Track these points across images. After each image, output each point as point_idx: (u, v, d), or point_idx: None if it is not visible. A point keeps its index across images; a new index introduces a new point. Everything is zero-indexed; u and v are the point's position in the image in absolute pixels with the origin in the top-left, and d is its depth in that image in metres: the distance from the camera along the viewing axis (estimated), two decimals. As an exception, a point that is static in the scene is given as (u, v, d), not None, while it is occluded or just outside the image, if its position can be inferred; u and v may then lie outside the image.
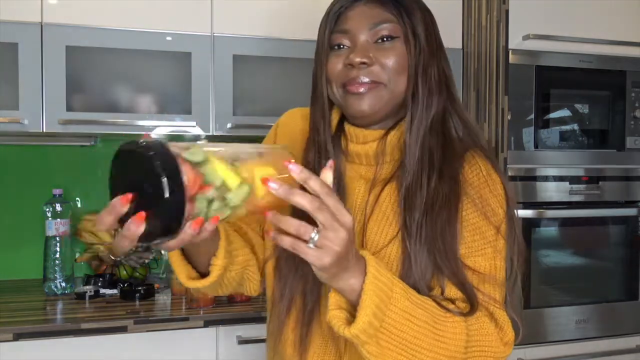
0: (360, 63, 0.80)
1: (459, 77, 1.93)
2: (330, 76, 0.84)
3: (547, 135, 1.79)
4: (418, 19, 0.84)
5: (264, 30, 1.71)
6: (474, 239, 0.80)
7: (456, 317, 0.75)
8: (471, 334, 0.75)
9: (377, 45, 0.82)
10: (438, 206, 0.79)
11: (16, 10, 1.56)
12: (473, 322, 0.76)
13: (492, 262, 0.81)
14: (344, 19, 0.84)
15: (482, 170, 0.84)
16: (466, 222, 0.80)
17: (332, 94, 0.85)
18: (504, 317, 0.79)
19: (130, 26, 1.64)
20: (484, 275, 0.79)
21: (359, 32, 0.82)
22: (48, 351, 1.40)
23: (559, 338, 1.79)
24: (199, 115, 1.69)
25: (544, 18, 1.76)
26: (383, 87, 0.81)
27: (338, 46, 0.84)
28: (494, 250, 0.81)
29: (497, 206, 0.82)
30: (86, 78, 1.64)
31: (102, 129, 1.64)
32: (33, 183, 1.92)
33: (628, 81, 1.85)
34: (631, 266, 1.89)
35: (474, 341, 0.76)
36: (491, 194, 0.82)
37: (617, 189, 1.85)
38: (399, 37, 0.82)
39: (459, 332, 0.74)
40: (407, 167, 0.81)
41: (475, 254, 0.80)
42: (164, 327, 1.46)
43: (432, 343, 0.71)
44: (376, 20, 0.82)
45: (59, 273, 1.70)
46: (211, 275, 0.80)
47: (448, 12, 1.91)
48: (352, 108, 0.82)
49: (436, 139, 0.82)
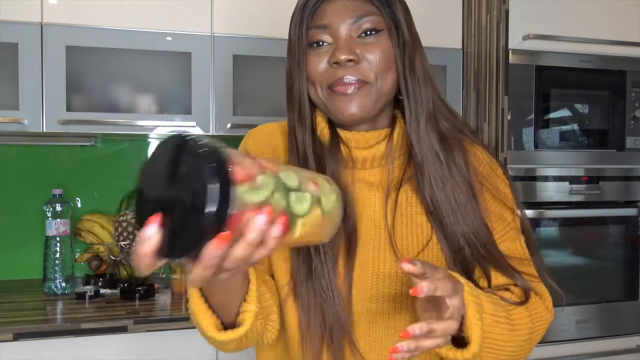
0: (347, 60, 0.74)
1: (459, 77, 1.93)
2: (312, 77, 0.78)
3: (547, 135, 1.79)
4: (399, 10, 0.79)
5: (264, 30, 1.71)
6: (499, 226, 0.82)
7: (521, 309, 0.77)
8: (531, 314, 0.79)
9: (360, 39, 0.76)
10: (463, 202, 0.77)
11: (16, 10, 1.56)
12: (530, 304, 0.79)
13: (518, 242, 0.83)
14: (321, 14, 0.77)
15: (484, 157, 0.84)
16: (489, 211, 0.81)
17: (315, 96, 0.79)
18: (542, 288, 0.84)
19: (130, 26, 1.64)
20: (519, 258, 0.81)
21: (340, 26, 0.76)
22: (48, 351, 1.40)
23: (559, 338, 1.79)
24: (199, 115, 1.69)
25: (544, 18, 1.76)
26: (371, 86, 0.76)
27: (317, 43, 0.78)
28: (516, 231, 0.83)
29: (507, 190, 0.84)
30: (86, 78, 1.64)
31: (102, 129, 1.64)
32: (33, 183, 1.92)
33: (628, 81, 1.85)
34: (631, 266, 1.89)
35: (535, 319, 0.79)
36: (499, 180, 0.84)
37: (617, 189, 1.85)
38: (383, 30, 0.77)
39: (525, 317, 0.77)
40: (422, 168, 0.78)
41: (504, 239, 0.82)
42: (164, 327, 1.46)
43: (511, 335, 0.74)
44: (358, 13, 0.76)
45: (59, 273, 1.70)
46: (245, 322, 0.70)
47: (448, 12, 1.91)
48: (340, 110, 0.77)
49: (435, 134, 0.79)
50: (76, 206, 1.94)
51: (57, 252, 1.71)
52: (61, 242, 1.72)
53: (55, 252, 1.71)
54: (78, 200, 1.96)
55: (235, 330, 0.71)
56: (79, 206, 1.96)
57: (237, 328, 0.71)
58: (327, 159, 0.79)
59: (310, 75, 0.78)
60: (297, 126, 0.80)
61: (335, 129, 0.82)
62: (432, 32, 1.88)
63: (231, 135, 1.71)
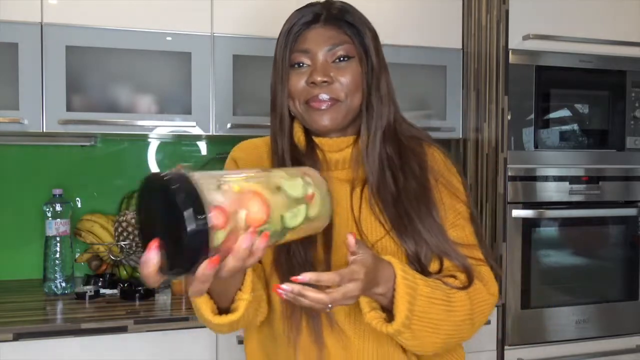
0: (322, 81, 0.90)
1: (459, 77, 1.93)
2: (293, 93, 0.93)
3: (547, 135, 1.79)
4: (369, 38, 0.94)
5: (264, 30, 1.71)
6: (451, 215, 0.95)
7: (461, 293, 0.87)
8: (471, 297, 0.89)
9: (335, 64, 0.92)
10: (414, 198, 0.91)
11: (16, 10, 1.56)
12: (471, 290, 0.89)
13: (468, 230, 0.96)
14: (303, 40, 0.93)
15: (440, 157, 1.00)
16: (442, 202, 0.94)
17: (294, 109, 0.95)
18: (487, 272, 0.95)
19: (130, 26, 1.64)
20: (465, 244, 0.93)
21: (318, 52, 0.91)
22: (48, 351, 1.40)
23: (559, 338, 1.79)
24: (199, 115, 1.69)
25: (544, 18, 1.76)
26: (341, 103, 0.92)
27: (298, 64, 0.93)
28: (466, 220, 0.96)
29: (459, 185, 0.98)
30: (86, 78, 1.64)
31: (102, 129, 1.64)
32: (33, 183, 1.92)
33: (628, 81, 1.85)
34: (631, 266, 1.89)
35: (475, 302, 0.89)
36: (453, 176, 0.99)
37: (617, 189, 1.85)
38: (354, 57, 0.93)
39: (464, 300, 0.87)
40: (369, 172, 0.93)
41: (454, 226, 0.94)
42: (164, 327, 1.46)
43: (448, 315, 0.85)
44: (334, 42, 0.91)
45: (59, 273, 1.70)
46: (239, 309, 0.82)
47: (448, 12, 1.91)
48: (316, 122, 0.92)
49: (393, 143, 0.95)
50: (76, 206, 1.95)
51: (57, 252, 1.71)
52: (61, 242, 1.72)
53: (55, 252, 1.71)
54: (78, 200, 1.96)
55: (230, 315, 0.82)
56: (79, 206, 1.96)
57: (232, 313, 0.82)
58: (304, 161, 0.93)
59: (290, 91, 0.93)
60: (277, 133, 0.96)
61: (311, 136, 0.98)
62: (432, 32, 1.89)
63: (231, 135, 1.71)
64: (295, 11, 0.96)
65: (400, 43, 1.85)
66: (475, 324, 0.90)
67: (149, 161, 2.03)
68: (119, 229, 1.77)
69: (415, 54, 1.87)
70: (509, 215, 1.73)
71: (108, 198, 1.98)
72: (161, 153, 2.04)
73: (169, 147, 2.05)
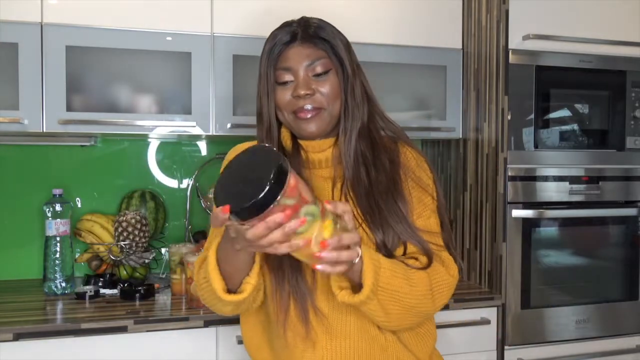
0: (305, 94, 1.03)
1: (459, 77, 1.93)
2: (280, 106, 1.07)
3: (547, 135, 1.79)
4: (342, 50, 1.07)
5: (264, 30, 1.70)
6: (419, 207, 1.08)
7: (420, 271, 1.00)
8: (430, 275, 1.02)
9: (315, 78, 1.05)
10: (384, 191, 1.04)
11: (16, 10, 1.56)
12: (430, 269, 1.03)
13: (433, 220, 1.09)
14: (284, 58, 1.07)
15: (412, 155, 1.12)
16: (411, 195, 1.07)
17: (283, 119, 1.09)
18: (447, 256, 1.08)
19: (130, 26, 1.64)
20: (428, 232, 1.06)
21: (299, 68, 1.05)
22: (48, 351, 1.40)
23: (559, 338, 1.79)
24: (199, 115, 1.69)
25: (544, 18, 1.76)
26: (324, 111, 1.06)
27: (284, 82, 1.06)
28: (431, 211, 1.09)
29: (429, 180, 1.11)
30: (86, 78, 1.65)
31: (102, 129, 1.64)
32: (33, 183, 1.92)
33: (628, 81, 1.85)
34: (631, 266, 1.89)
35: (434, 280, 1.02)
36: (423, 172, 1.11)
37: (617, 189, 1.85)
38: (332, 69, 1.06)
39: (424, 277, 1.00)
40: (346, 168, 1.06)
41: (421, 216, 1.07)
42: (164, 327, 1.46)
43: (409, 289, 0.97)
44: (312, 58, 1.05)
45: (59, 273, 1.71)
46: (245, 291, 0.98)
47: (448, 12, 1.91)
48: (304, 130, 1.06)
49: (366, 141, 1.08)
50: (76, 206, 1.95)
51: (57, 252, 1.71)
52: (61, 242, 1.72)
53: (55, 252, 1.71)
54: (78, 200, 1.96)
55: (237, 294, 0.98)
56: (79, 206, 1.96)
57: (239, 294, 0.98)
58: (291, 161, 1.02)
59: (279, 104, 1.07)
60: (265, 140, 1.09)
61: (297, 139, 1.11)
62: (432, 32, 1.89)
63: (231, 135, 1.72)
64: (273, 31, 1.10)
65: (400, 43, 1.85)
66: (436, 300, 1.03)
67: (149, 161, 2.03)
68: (119, 229, 1.77)
69: (415, 54, 1.87)
70: (509, 215, 1.73)
71: (108, 198, 1.98)
72: (161, 153, 2.04)
73: (169, 147, 2.05)
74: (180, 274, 1.66)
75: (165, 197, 2.03)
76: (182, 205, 2.04)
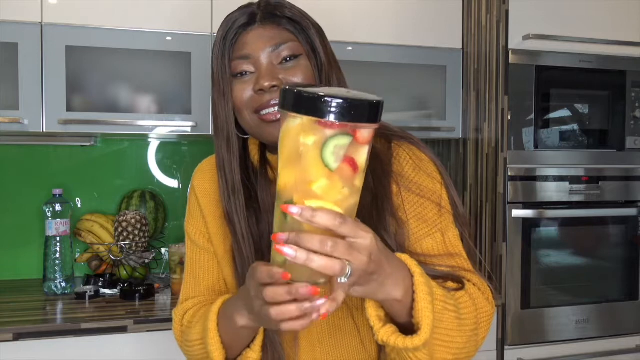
0: (270, 87, 0.79)
1: (459, 77, 1.93)
2: (239, 105, 0.82)
3: (547, 135, 1.79)
4: (314, 34, 0.84)
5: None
6: (419, 226, 0.81)
7: (464, 296, 0.75)
8: (475, 304, 0.77)
9: (282, 66, 0.81)
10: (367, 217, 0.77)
11: (16, 10, 1.56)
12: (471, 293, 0.78)
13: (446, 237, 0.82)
14: (241, 45, 0.82)
15: (409, 156, 0.84)
16: (409, 213, 0.81)
17: (243, 122, 0.84)
18: (479, 280, 0.81)
19: (130, 26, 1.64)
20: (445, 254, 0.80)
21: (261, 55, 0.81)
22: (48, 351, 1.40)
23: (559, 338, 1.79)
24: (198, 115, 1.69)
25: (544, 18, 1.76)
26: None
27: (241, 74, 0.82)
28: (440, 230, 0.82)
29: (433, 183, 0.83)
30: (86, 78, 1.65)
31: (102, 129, 1.64)
32: (33, 183, 1.92)
33: (628, 81, 1.85)
34: (631, 266, 1.89)
35: (478, 310, 0.77)
36: (425, 175, 0.83)
37: (617, 189, 1.85)
38: (302, 55, 0.83)
39: (470, 306, 0.75)
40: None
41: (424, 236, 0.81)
42: (164, 327, 1.46)
43: (459, 324, 0.71)
44: (276, 42, 0.81)
45: (59, 273, 1.71)
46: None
47: (448, 12, 1.91)
48: (271, 135, 0.80)
49: None
50: (76, 206, 1.95)
51: (57, 252, 1.71)
52: (61, 242, 1.72)
53: (55, 252, 1.71)
54: (78, 200, 1.96)
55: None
56: (79, 206, 1.96)
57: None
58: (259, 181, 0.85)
59: (237, 103, 0.83)
60: (225, 156, 0.85)
61: (265, 154, 0.88)
62: (432, 32, 1.89)
63: (231, 135, 1.71)
64: (227, 15, 0.85)
65: (400, 43, 1.85)
66: (479, 340, 0.78)
67: (149, 161, 2.03)
68: (119, 229, 1.77)
69: (415, 54, 1.87)
70: (509, 215, 1.73)
71: (108, 198, 1.98)
72: (161, 153, 2.04)
73: (169, 147, 2.05)
74: (180, 274, 1.66)
75: (165, 197, 2.03)
76: (182, 205, 2.04)
